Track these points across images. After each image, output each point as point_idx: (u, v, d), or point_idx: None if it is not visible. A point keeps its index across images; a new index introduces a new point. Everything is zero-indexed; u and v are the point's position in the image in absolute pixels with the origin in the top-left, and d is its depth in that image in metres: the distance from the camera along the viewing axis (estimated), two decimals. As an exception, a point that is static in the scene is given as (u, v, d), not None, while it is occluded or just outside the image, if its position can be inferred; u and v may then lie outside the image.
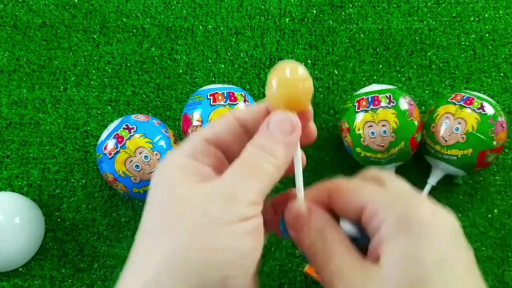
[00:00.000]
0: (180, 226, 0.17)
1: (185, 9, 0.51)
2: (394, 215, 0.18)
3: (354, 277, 0.18)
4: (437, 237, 0.18)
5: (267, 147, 0.19)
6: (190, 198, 0.17)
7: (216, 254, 0.16)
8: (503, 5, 0.51)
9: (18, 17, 0.50)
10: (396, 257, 0.17)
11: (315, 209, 0.21)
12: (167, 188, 0.18)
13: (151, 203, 0.18)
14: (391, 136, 0.38)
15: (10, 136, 0.45)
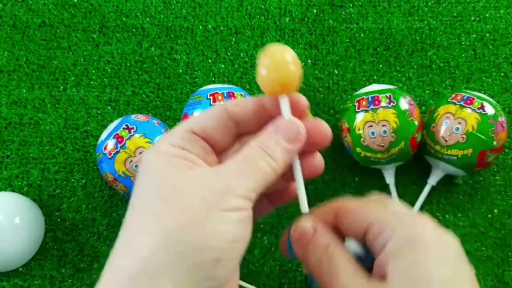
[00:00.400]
0: (176, 208, 0.17)
1: (184, 9, 0.50)
2: (400, 234, 0.18)
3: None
4: (442, 257, 0.18)
5: (269, 147, 0.19)
6: (186, 183, 0.18)
7: (211, 237, 0.17)
8: (504, 4, 0.51)
9: (17, 16, 0.50)
10: (402, 275, 0.18)
11: (321, 227, 0.21)
12: (159, 173, 0.18)
13: (142, 188, 0.18)
14: (391, 136, 0.38)
15: (10, 136, 0.45)
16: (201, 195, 0.17)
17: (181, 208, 0.17)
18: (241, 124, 0.21)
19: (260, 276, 0.41)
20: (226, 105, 0.21)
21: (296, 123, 0.20)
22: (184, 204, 0.17)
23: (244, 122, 0.21)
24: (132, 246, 0.17)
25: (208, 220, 0.17)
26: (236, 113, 0.21)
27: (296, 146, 0.20)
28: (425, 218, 0.19)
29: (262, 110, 0.21)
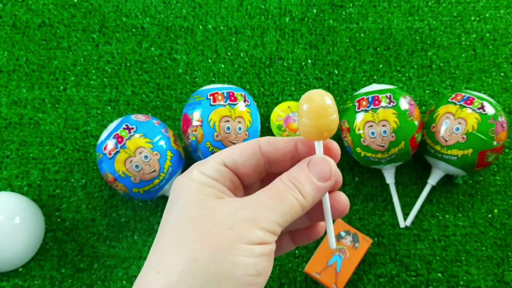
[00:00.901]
0: (204, 235, 0.18)
1: (184, 9, 0.50)
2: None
3: None
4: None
5: (300, 183, 0.20)
6: (217, 212, 0.18)
7: (236, 268, 0.17)
8: (504, 4, 0.51)
9: (17, 16, 0.50)
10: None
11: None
12: (190, 199, 0.19)
13: (173, 211, 0.19)
14: (391, 136, 0.38)
15: (9, 136, 0.45)
16: (228, 225, 0.18)
17: (209, 235, 0.18)
18: (272, 163, 0.22)
19: (260, 276, 0.41)
20: (260, 143, 0.21)
21: (329, 162, 0.20)
22: (211, 232, 0.18)
23: (275, 161, 0.21)
24: (161, 267, 0.18)
25: (233, 250, 0.17)
26: (269, 152, 0.21)
27: (327, 184, 0.20)
28: None
29: (294, 151, 0.21)
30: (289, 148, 0.21)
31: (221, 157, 0.21)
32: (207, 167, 0.20)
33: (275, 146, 0.21)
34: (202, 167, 0.20)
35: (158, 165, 0.37)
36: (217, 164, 0.20)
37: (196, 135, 0.38)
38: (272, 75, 0.48)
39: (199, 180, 0.20)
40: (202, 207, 0.18)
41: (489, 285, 0.41)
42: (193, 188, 0.19)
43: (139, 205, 0.43)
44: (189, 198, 0.19)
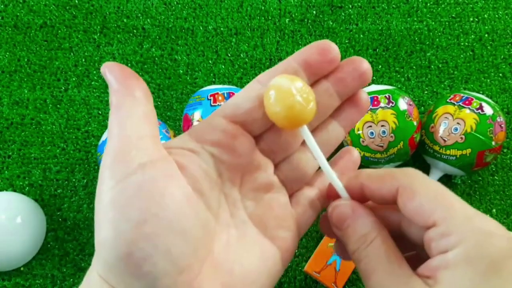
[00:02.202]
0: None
1: (185, 10, 0.51)
2: (469, 245, 0.15)
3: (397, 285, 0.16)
4: (507, 281, 0.15)
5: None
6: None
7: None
8: (502, 5, 0.51)
9: (19, 17, 0.50)
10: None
11: (360, 210, 0.19)
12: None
13: None
14: (390, 136, 0.38)
15: (11, 136, 0.46)
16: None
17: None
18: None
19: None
20: (258, 78, 0.19)
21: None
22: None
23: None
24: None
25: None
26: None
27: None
28: (497, 231, 0.16)
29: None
30: (287, 65, 0.19)
31: (216, 112, 0.19)
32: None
33: (272, 70, 0.19)
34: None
35: (159, 165, 0.37)
36: (218, 119, 0.19)
37: (197, 135, 0.39)
38: (272, 76, 0.49)
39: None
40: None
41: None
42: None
43: (140, 204, 0.44)
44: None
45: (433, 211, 0.16)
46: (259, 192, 0.19)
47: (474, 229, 0.16)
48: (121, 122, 0.16)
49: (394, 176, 0.18)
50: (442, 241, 0.16)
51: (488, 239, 0.16)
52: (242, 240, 0.18)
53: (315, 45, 0.18)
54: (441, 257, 0.16)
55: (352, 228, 0.18)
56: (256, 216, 0.19)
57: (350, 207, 0.19)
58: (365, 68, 0.19)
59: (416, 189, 0.17)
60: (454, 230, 0.16)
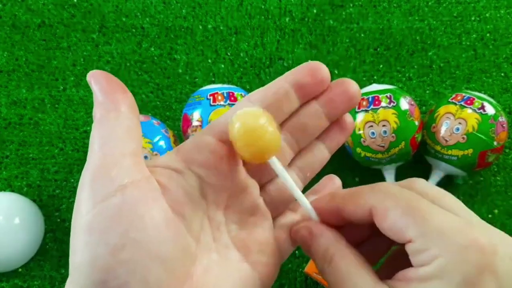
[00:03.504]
0: None
1: (184, 9, 0.50)
2: (443, 261, 0.15)
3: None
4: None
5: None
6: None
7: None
8: (504, 4, 0.51)
9: (17, 16, 0.49)
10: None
11: (316, 229, 0.19)
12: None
13: None
14: (391, 136, 0.38)
15: (9, 136, 0.45)
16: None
17: None
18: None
19: (260, 276, 0.41)
20: (249, 97, 0.19)
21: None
22: None
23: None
24: None
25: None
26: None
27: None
28: (474, 245, 0.16)
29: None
30: (279, 86, 0.19)
31: (205, 131, 0.19)
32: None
33: (263, 90, 0.19)
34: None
35: (158, 165, 0.37)
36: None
37: (196, 135, 0.38)
38: (272, 75, 0.48)
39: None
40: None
41: (489, 286, 0.41)
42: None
43: (139, 205, 0.43)
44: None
45: (407, 228, 0.16)
46: (244, 215, 0.19)
47: (448, 245, 0.16)
48: (104, 138, 0.16)
49: (365, 196, 0.18)
50: (419, 256, 0.16)
51: (463, 254, 0.15)
52: (223, 264, 0.18)
53: (306, 67, 0.19)
54: (416, 270, 0.16)
55: (313, 249, 0.19)
56: (239, 240, 0.19)
57: (307, 229, 0.19)
58: (354, 90, 0.19)
59: (388, 207, 0.17)
60: (428, 246, 0.16)
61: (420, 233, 0.16)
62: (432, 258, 0.16)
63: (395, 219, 0.17)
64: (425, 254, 0.16)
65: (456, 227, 0.16)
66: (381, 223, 0.17)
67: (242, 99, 0.19)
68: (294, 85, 0.19)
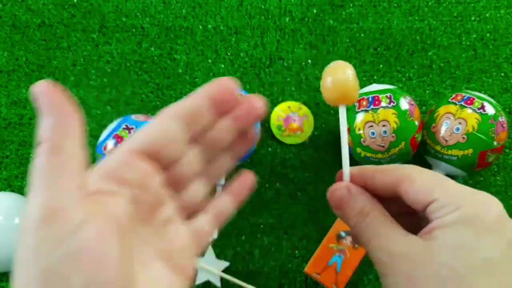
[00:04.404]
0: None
1: (184, 9, 0.50)
2: (466, 210, 0.19)
3: (401, 250, 0.19)
4: (496, 241, 0.18)
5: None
6: None
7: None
8: (504, 4, 0.51)
9: (17, 16, 0.49)
10: (449, 242, 0.18)
11: (355, 190, 0.22)
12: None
13: None
14: (391, 136, 0.38)
15: (9, 136, 0.45)
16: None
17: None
18: (190, 127, 0.20)
19: (260, 276, 0.41)
20: (174, 110, 0.20)
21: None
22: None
23: (192, 124, 0.20)
24: None
25: None
26: (186, 115, 0.20)
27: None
28: (491, 201, 0.19)
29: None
30: (199, 99, 0.20)
31: (128, 145, 0.19)
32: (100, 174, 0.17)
33: (184, 104, 0.20)
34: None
35: (158, 165, 0.37)
36: (125, 155, 0.19)
37: (196, 135, 0.38)
38: (272, 75, 0.48)
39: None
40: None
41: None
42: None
43: (139, 205, 0.43)
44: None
45: (432, 191, 0.20)
46: (164, 226, 0.20)
47: (471, 199, 0.19)
48: (49, 175, 0.15)
49: (394, 168, 0.22)
50: (441, 211, 0.19)
51: (484, 206, 0.19)
52: (153, 278, 0.18)
53: (217, 84, 0.20)
54: (439, 220, 0.19)
55: (350, 206, 0.22)
56: (163, 252, 0.19)
57: (346, 189, 0.22)
58: (259, 107, 0.21)
59: (415, 177, 0.20)
60: (452, 201, 0.19)
61: (444, 192, 0.19)
62: (455, 208, 0.19)
63: (422, 184, 0.20)
64: (449, 207, 0.19)
65: (473, 191, 0.20)
66: (408, 189, 0.20)
67: (160, 116, 0.20)
68: (207, 101, 0.20)
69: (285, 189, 0.44)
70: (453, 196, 0.19)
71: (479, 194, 0.20)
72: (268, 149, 0.45)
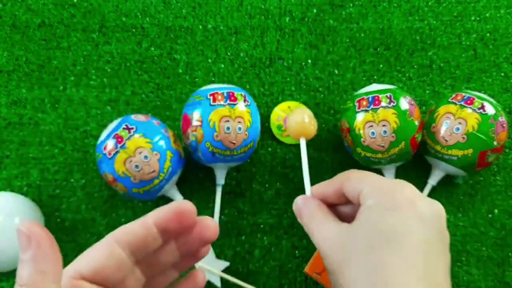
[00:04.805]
0: None
1: (184, 9, 0.50)
2: (378, 197, 0.25)
3: (330, 235, 0.25)
4: (404, 216, 0.23)
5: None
6: None
7: None
8: (504, 4, 0.51)
9: (17, 16, 0.49)
10: (367, 222, 0.24)
11: (307, 199, 0.29)
12: None
13: None
14: (391, 136, 0.38)
15: (9, 136, 0.45)
16: None
17: None
18: (136, 255, 0.21)
19: (260, 276, 0.41)
20: (115, 236, 0.20)
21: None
22: None
23: (139, 252, 0.20)
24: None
25: None
26: (130, 243, 0.20)
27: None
28: (404, 186, 0.25)
29: (159, 234, 0.21)
30: (149, 231, 0.20)
31: (76, 268, 0.19)
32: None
33: (133, 234, 0.20)
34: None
35: (158, 165, 0.37)
36: (72, 280, 0.18)
37: (196, 135, 0.38)
38: (272, 75, 0.48)
39: None
40: None
41: (489, 285, 0.41)
42: None
43: (139, 205, 0.43)
44: None
45: (360, 184, 0.26)
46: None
47: (383, 190, 0.25)
48: None
49: (339, 175, 0.28)
50: (365, 198, 0.25)
51: (396, 190, 0.25)
52: None
53: (175, 211, 0.21)
54: (362, 206, 0.25)
55: (304, 213, 0.28)
56: None
57: (302, 199, 0.29)
58: (210, 235, 0.22)
59: (350, 176, 0.27)
60: (373, 190, 0.25)
61: (368, 184, 0.26)
62: (374, 195, 0.25)
63: (354, 180, 0.27)
64: (370, 194, 0.25)
65: (392, 180, 0.26)
66: (347, 186, 0.27)
67: (103, 242, 0.20)
68: (159, 226, 0.21)
69: (285, 189, 0.44)
70: (374, 186, 0.25)
71: (395, 181, 0.25)
72: (268, 149, 0.45)
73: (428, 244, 0.23)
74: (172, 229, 0.21)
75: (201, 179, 0.44)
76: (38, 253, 0.16)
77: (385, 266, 0.21)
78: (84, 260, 0.19)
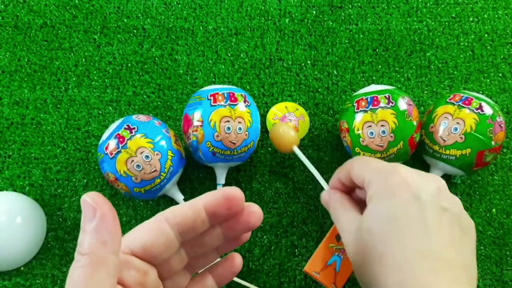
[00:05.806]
0: None
1: (185, 10, 0.51)
2: (377, 185, 0.28)
3: (348, 227, 0.29)
4: (397, 200, 0.26)
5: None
6: None
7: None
8: (502, 5, 0.51)
9: (19, 17, 0.50)
10: (371, 212, 0.27)
11: (331, 191, 0.34)
12: None
13: None
14: (390, 136, 0.39)
15: (11, 136, 0.46)
16: None
17: None
18: (189, 243, 0.21)
19: (260, 275, 0.42)
20: (165, 215, 0.20)
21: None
22: None
23: (186, 233, 0.21)
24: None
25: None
26: (178, 224, 0.20)
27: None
28: (396, 170, 0.28)
29: (205, 224, 0.21)
30: (198, 214, 0.21)
31: (126, 244, 0.19)
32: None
33: (182, 216, 0.20)
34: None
35: (159, 164, 0.38)
36: (122, 255, 0.19)
37: (197, 135, 0.39)
38: (272, 76, 0.49)
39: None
40: None
41: (487, 284, 0.41)
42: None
43: (140, 204, 0.44)
44: None
45: (364, 175, 0.29)
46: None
47: (380, 177, 0.28)
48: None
49: (345, 163, 0.33)
50: (368, 186, 0.29)
51: (387, 179, 0.27)
52: None
53: (224, 196, 0.21)
54: (368, 196, 0.28)
55: (331, 204, 0.33)
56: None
57: (327, 193, 0.35)
58: (254, 222, 0.22)
59: (354, 163, 0.32)
60: (371, 180, 0.28)
61: (370, 175, 0.29)
62: (373, 183, 0.28)
63: (358, 166, 0.31)
64: (370, 182, 0.28)
65: (386, 165, 0.29)
66: (353, 172, 0.31)
67: (156, 219, 0.21)
68: (208, 211, 0.21)
69: (285, 188, 0.44)
70: (373, 174, 0.28)
71: (390, 166, 0.28)
72: (268, 149, 0.46)
73: (427, 223, 0.24)
74: (220, 214, 0.21)
75: (202, 178, 0.45)
76: (101, 224, 0.17)
77: (387, 256, 0.24)
78: (134, 236, 0.20)
